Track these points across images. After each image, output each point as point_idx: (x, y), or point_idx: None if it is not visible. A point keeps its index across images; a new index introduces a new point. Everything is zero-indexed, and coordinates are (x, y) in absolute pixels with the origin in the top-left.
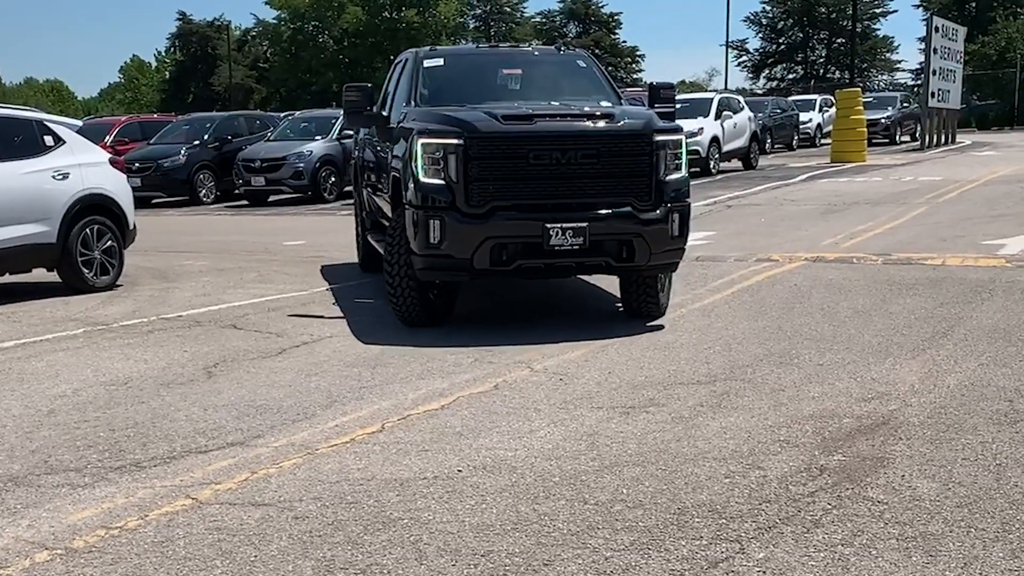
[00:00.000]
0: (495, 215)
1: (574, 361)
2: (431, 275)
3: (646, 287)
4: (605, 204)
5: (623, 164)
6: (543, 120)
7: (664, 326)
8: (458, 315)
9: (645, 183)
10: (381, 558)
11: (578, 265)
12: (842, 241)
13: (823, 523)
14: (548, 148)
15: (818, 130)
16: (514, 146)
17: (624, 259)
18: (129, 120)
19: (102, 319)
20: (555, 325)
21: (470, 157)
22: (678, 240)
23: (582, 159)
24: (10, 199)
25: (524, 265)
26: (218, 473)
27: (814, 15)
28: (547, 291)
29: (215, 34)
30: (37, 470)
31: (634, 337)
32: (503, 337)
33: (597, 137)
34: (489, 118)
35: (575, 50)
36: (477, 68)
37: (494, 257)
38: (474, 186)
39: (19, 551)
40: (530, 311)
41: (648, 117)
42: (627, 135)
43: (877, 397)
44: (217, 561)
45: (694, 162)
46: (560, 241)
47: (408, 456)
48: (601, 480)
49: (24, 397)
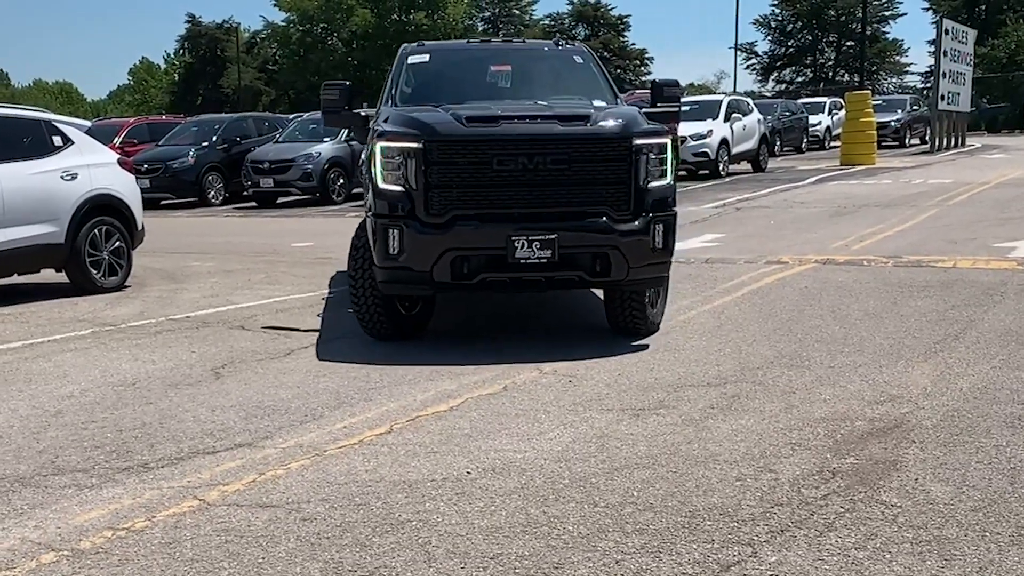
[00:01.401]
0: (456, 225)
1: (583, 363)
2: (392, 288)
3: (632, 302)
4: (578, 214)
5: (598, 170)
6: (509, 122)
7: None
8: (465, 317)
9: (623, 191)
10: (390, 560)
11: (547, 280)
12: (852, 243)
13: (836, 527)
14: (513, 153)
15: (827, 133)
16: (477, 150)
17: (599, 273)
18: (138, 122)
19: (110, 320)
20: (564, 327)
21: (430, 162)
22: (661, 253)
23: (551, 165)
24: (19, 199)
25: (488, 279)
26: (226, 474)
27: (823, 18)
28: (555, 294)
29: (224, 36)
30: (44, 471)
31: (644, 339)
32: (512, 339)
33: (568, 141)
34: (451, 120)
35: (574, 45)
36: (465, 64)
37: (455, 270)
38: (434, 193)
39: (25, 552)
40: (538, 313)
41: (628, 119)
42: (601, 138)
43: (889, 400)
44: (224, 563)
45: (703, 164)
46: (526, 254)
47: (417, 458)
48: (611, 482)
49: (31, 397)
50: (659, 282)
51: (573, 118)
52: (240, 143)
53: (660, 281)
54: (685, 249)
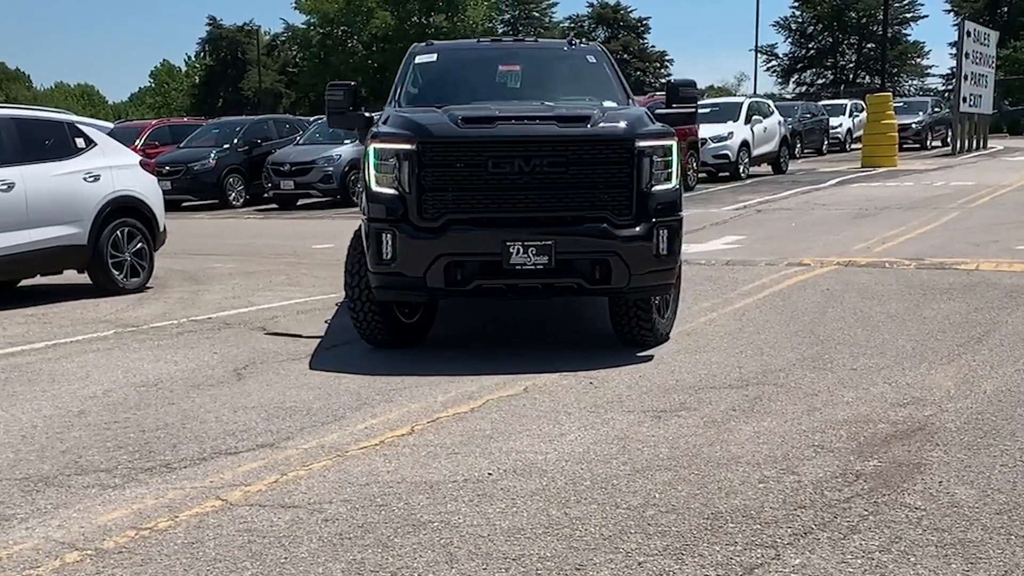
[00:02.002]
0: (450, 229)
1: (604, 365)
2: (387, 294)
3: (637, 310)
4: (576, 218)
5: (597, 173)
6: (506, 123)
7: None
8: (485, 319)
9: (624, 195)
10: (411, 561)
11: (544, 287)
12: (874, 245)
13: (860, 529)
14: (509, 155)
15: (848, 135)
16: (471, 152)
17: (599, 280)
18: (159, 124)
19: (132, 321)
20: (583, 331)
21: (423, 164)
22: (666, 259)
23: (548, 167)
24: (42, 201)
25: (483, 286)
26: (248, 475)
27: (844, 20)
28: (573, 299)
29: (245, 39)
30: (67, 470)
31: (665, 341)
32: (531, 343)
33: (566, 143)
34: (446, 121)
35: (588, 44)
36: (473, 64)
37: (449, 276)
38: (428, 196)
39: (49, 551)
40: (557, 317)
41: (632, 120)
42: (601, 140)
43: (913, 402)
44: (247, 563)
45: (723, 166)
46: (522, 260)
47: (438, 459)
48: (633, 484)
49: (55, 398)
50: (664, 290)
51: (573, 119)
52: (261, 145)
53: (665, 289)
54: (705, 251)
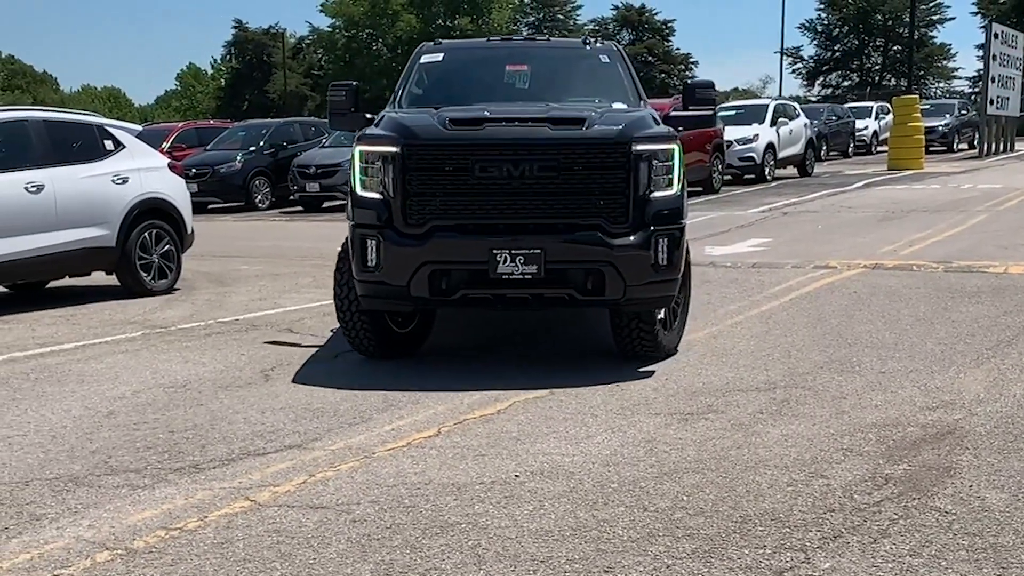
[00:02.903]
0: (434, 236)
1: (629, 368)
2: (373, 303)
3: (639, 323)
4: (568, 226)
5: (591, 178)
6: (496, 125)
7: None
8: (507, 321)
9: (620, 201)
10: (440, 562)
11: (534, 298)
12: (901, 248)
13: (890, 533)
14: (497, 158)
15: (874, 137)
16: (457, 155)
17: (591, 292)
18: (186, 126)
19: (160, 322)
20: (608, 335)
21: (408, 168)
22: (666, 270)
23: (539, 172)
24: (71, 203)
25: (470, 296)
26: (276, 475)
27: (870, 22)
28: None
29: (270, 42)
30: (97, 470)
31: (691, 343)
32: (557, 343)
33: (557, 146)
34: (433, 123)
35: (603, 43)
36: (480, 64)
37: (434, 285)
38: (413, 201)
39: (80, 551)
40: (581, 321)
41: (629, 123)
42: (596, 143)
43: (942, 406)
44: (277, 563)
45: (749, 169)
46: (510, 268)
47: (465, 460)
48: (660, 487)
49: (84, 398)
50: (665, 303)
51: (567, 121)
52: (287, 148)
53: (666, 302)
54: (731, 253)
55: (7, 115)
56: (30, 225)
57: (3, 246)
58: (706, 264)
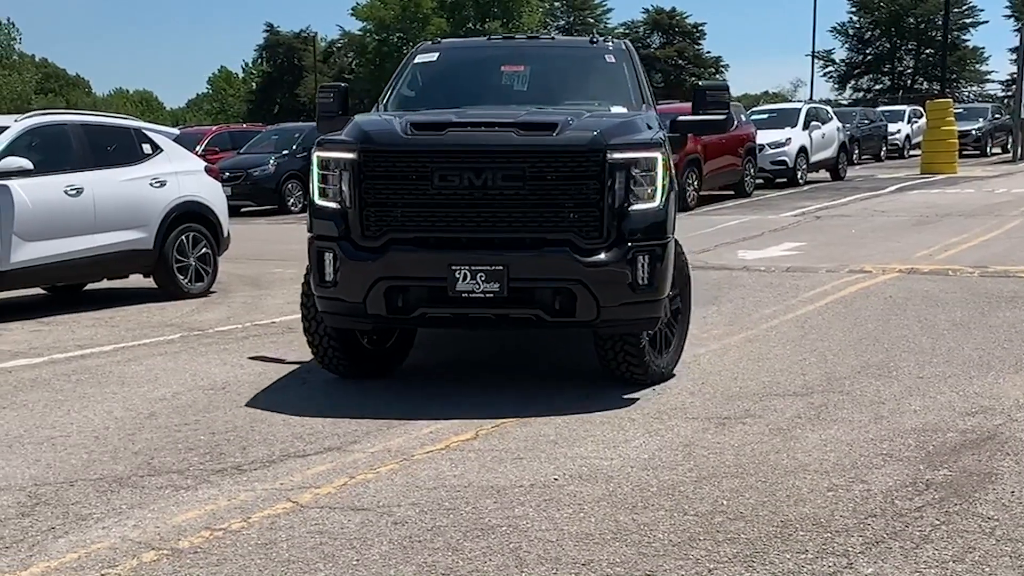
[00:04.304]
0: (391, 249)
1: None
2: (334, 320)
3: (624, 344)
4: (536, 240)
5: (561, 189)
6: (461, 131)
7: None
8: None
9: (592, 214)
10: (482, 564)
11: (498, 318)
12: (936, 253)
13: (932, 539)
14: (458, 166)
15: (907, 141)
16: (416, 163)
17: (560, 312)
18: (220, 130)
19: (197, 324)
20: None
21: (364, 176)
22: (646, 290)
23: (504, 181)
24: (109, 206)
25: (429, 315)
26: (317, 477)
27: (902, 25)
28: None
29: (301, 45)
30: (140, 471)
31: (726, 348)
32: (589, 347)
33: (523, 153)
34: (393, 128)
35: (612, 42)
36: (477, 65)
37: (390, 302)
38: (370, 212)
39: (126, 551)
40: None
41: (607, 128)
42: (565, 151)
43: (981, 411)
44: (320, 564)
45: (781, 172)
46: (469, 287)
47: (503, 464)
48: (700, 491)
49: (125, 400)
50: (647, 325)
51: (536, 126)
52: None
53: (648, 324)
54: (765, 257)
55: (47, 119)
56: (69, 228)
57: (43, 249)
58: (739, 268)
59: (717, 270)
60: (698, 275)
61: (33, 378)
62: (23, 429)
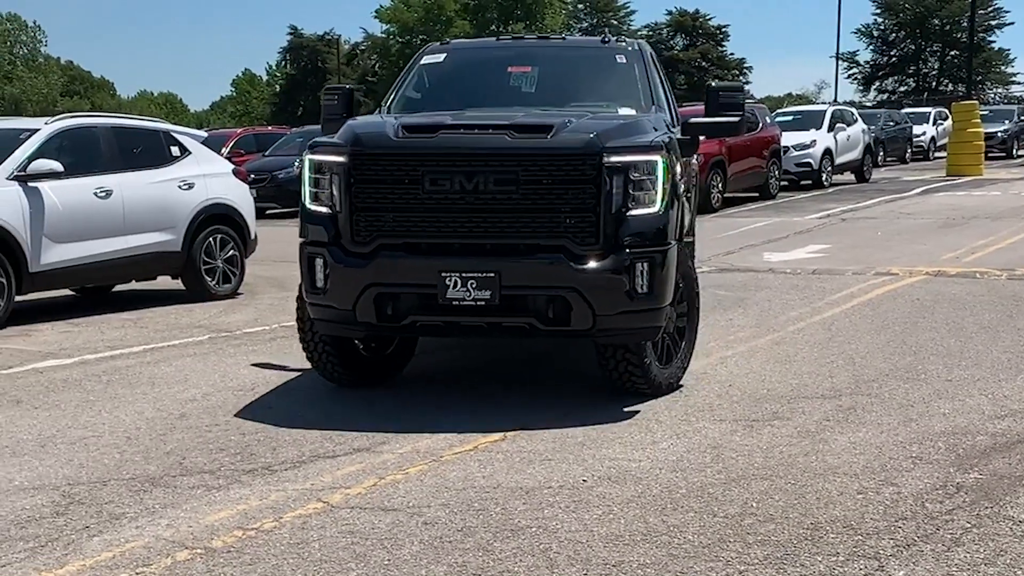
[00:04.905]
0: (380, 255)
1: (692, 373)
2: (326, 327)
3: (627, 352)
4: (529, 247)
5: (555, 193)
6: (453, 133)
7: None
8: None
9: (588, 219)
10: (512, 565)
11: (490, 326)
12: (963, 255)
13: (963, 542)
14: (449, 169)
15: (932, 143)
16: (406, 166)
17: (553, 321)
18: (245, 132)
19: (225, 326)
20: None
21: (354, 179)
22: (645, 298)
23: (496, 185)
24: (139, 208)
25: (419, 323)
26: (347, 478)
27: (927, 27)
28: None
29: (325, 48)
30: (172, 471)
31: (753, 350)
32: None
33: (516, 157)
34: (384, 131)
35: (625, 42)
36: (484, 66)
37: (380, 310)
38: (360, 217)
39: (160, 550)
40: None
41: (605, 130)
42: (559, 154)
43: (1011, 415)
44: (352, 564)
45: (806, 174)
46: (460, 294)
47: (532, 465)
48: (729, 493)
49: (155, 400)
50: (647, 335)
51: (531, 128)
52: None
53: (648, 334)
54: (791, 259)
55: (77, 122)
56: (99, 230)
57: (73, 250)
58: (765, 270)
59: (743, 272)
60: (724, 277)
61: (64, 378)
62: (55, 429)
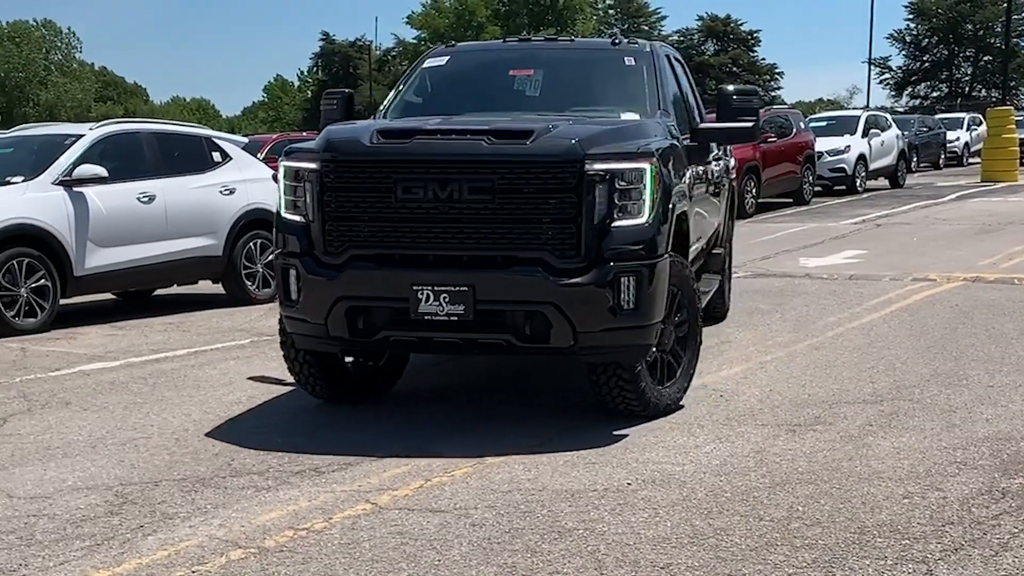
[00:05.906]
0: (351, 267)
1: (732, 378)
2: (303, 342)
3: (618, 368)
4: (505, 259)
5: (534, 203)
6: (428, 139)
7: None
8: None
9: (568, 231)
10: (561, 567)
11: (464, 343)
12: (1000, 262)
13: (1011, 547)
14: (423, 177)
15: (966, 149)
16: (378, 173)
17: (531, 338)
18: (280, 138)
19: (267, 330)
20: (708, 341)
21: (326, 187)
22: (631, 315)
23: (471, 194)
24: (181, 213)
25: (392, 338)
26: (394, 480)
27: (960, 32)
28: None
29: (357, 54)
30: (222, 472)
31: (792, 355)
32: None
33: (492, 164)
34: (358, 136)
35: (636, 43)
36: (487, 69)
37: (352, 324)
38: (332, 226)
39: (214, 549)
40: None
41: (588, 136)
42: (537, 161)
43: None
44: (403, 564)
45: (840, 180)
46: (433, 308)
47: (576, 468)
48: (774, 497)
49: (202, 403)
50: (635, 354)
51: (510, 134)
52: None
53: (634, 352)
54: (827, 265)
55: (120, 127)
56: (142, 234)
57: (117, 255)
58: (801, 276)
59: (779, 278)
60: (761, 282)
61: (111, 381)
62: (105, 431)
